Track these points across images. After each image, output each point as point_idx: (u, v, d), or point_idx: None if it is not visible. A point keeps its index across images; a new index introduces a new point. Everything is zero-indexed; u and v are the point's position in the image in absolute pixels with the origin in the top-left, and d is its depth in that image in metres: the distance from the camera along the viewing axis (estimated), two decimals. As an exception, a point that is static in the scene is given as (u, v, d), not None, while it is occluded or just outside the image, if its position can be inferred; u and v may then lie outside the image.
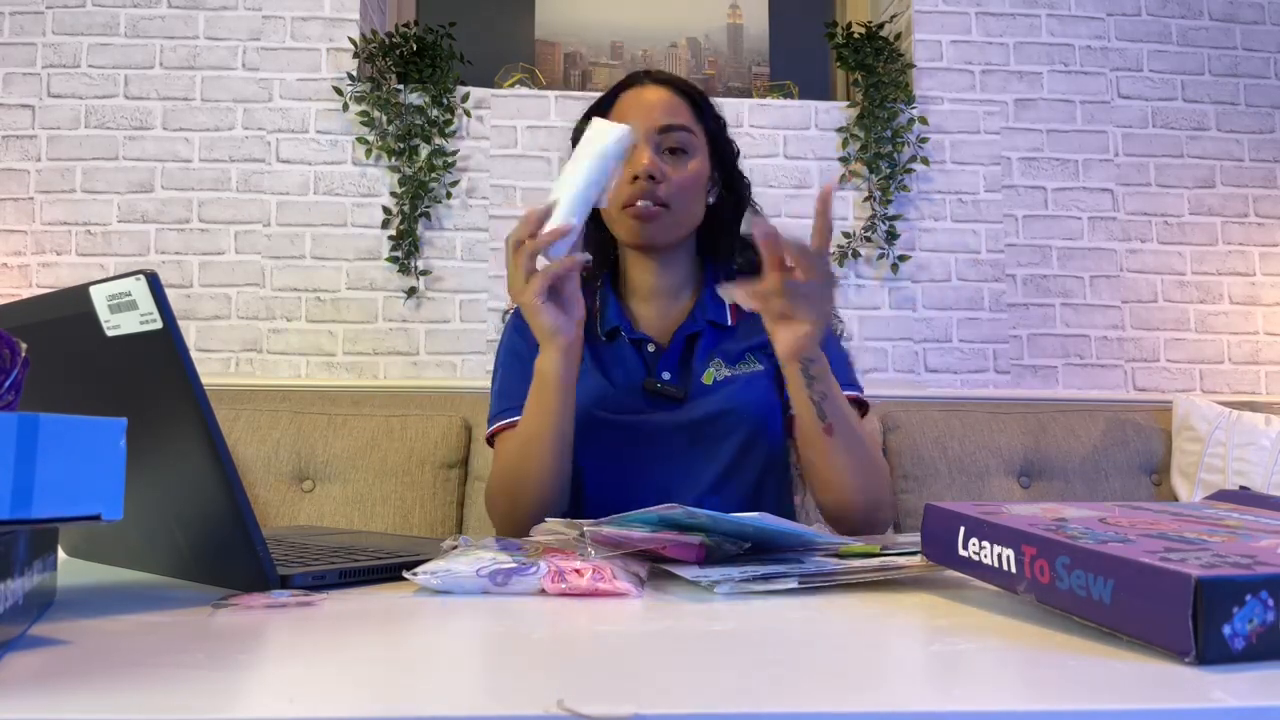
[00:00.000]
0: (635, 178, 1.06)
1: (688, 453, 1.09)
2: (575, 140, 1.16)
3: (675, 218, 1.09)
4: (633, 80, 1.14)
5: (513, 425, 1.07)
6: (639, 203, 1.06)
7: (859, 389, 1.15)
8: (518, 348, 1.15)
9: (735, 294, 0.86)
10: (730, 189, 1.18)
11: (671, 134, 1.09)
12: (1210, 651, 0.41)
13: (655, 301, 1.17)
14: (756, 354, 1.14)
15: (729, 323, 1.15)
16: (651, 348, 1.14)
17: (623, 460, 1.08)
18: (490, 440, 1.14)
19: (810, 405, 0.96)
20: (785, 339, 0.89)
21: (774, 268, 0.85)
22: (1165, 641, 0.42)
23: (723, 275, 1.19)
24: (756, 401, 1.12)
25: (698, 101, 1.14)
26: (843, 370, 1.16)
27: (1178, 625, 0.41)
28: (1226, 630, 0.41)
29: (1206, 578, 0.41)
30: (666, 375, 1.11)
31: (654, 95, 1.11)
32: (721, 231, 1.19)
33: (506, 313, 1.22)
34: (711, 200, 1.16)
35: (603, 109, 1.13)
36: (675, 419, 1.09)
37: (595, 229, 1.15)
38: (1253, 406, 1.97)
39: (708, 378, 1.11)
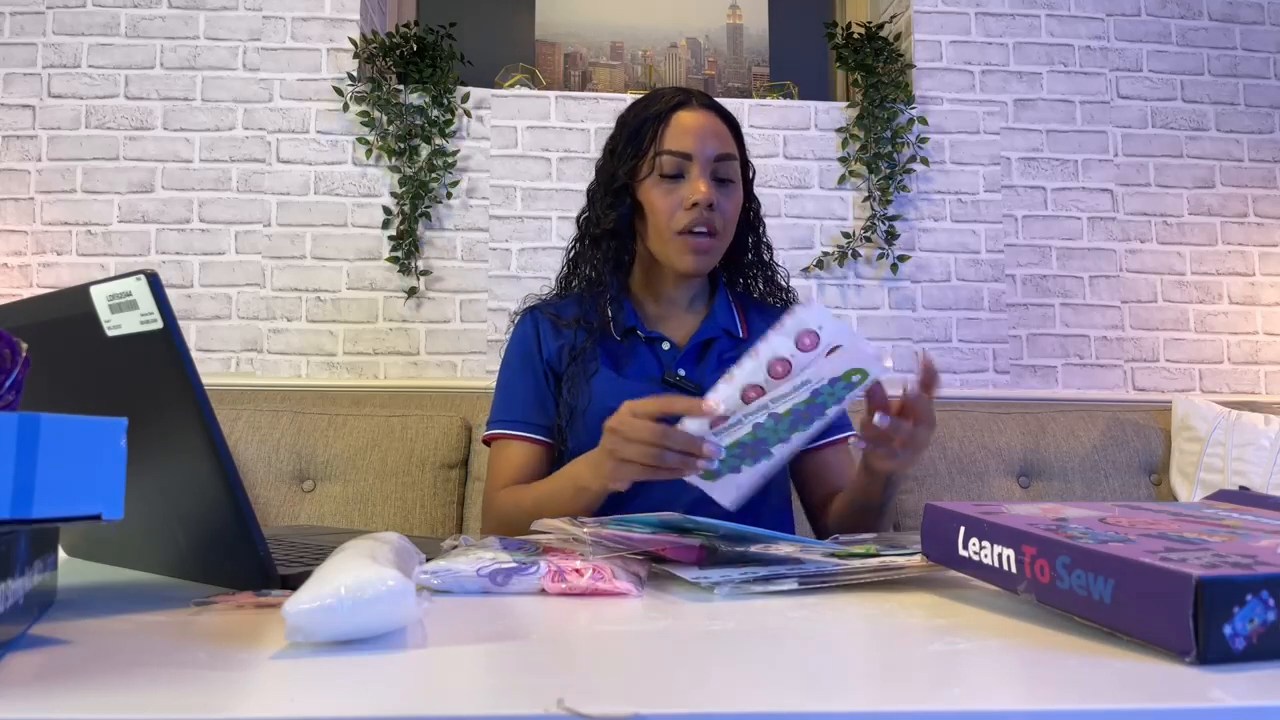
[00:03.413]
0: (694, 204, 1.08)
1: None
2: (615, 138, 1.16)
3: (722, 245, 1.13)
4: (682, 100, 1.13)
5: (514, 438, 1.13)
6: (697, 232, 1.09)
7: (852, 428, 1.24)
8: (530, 351, 1.17)
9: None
10: (749, 208, 1.22)
11: (724, 163, 1.11)
12: (1211, 651, 0.41)
13: (671, 309, 1.20)
14: None
15: (741, 334, 1.17)
16: (666, 346, 1.15)
17: None
18: (487, 440, 1.18)
19: (871, 496, 1.02)
20: (885, 464, 0.93)
21: (884, 411, 0.88)
22: (1166, 641, 0.42)
23: (737, 291, 1.25)
24: None
25: (736, 128, 1.16)
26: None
27: (1179, 625, 0.41)
28: (1227, 630, 0.41)
29: (1207, 577, 0.41)
30: (682, 372, 1.13)
31: (707, 121, 1.11)
32: (738, 247, 1.22)
33: (516, 313, 1.23)
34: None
35: (653, 125, 1.12)
36: None
37: (610, 233, 1.16)
38: (1252, 406, 1.97)
39: None
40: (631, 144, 1.13)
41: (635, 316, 1.16)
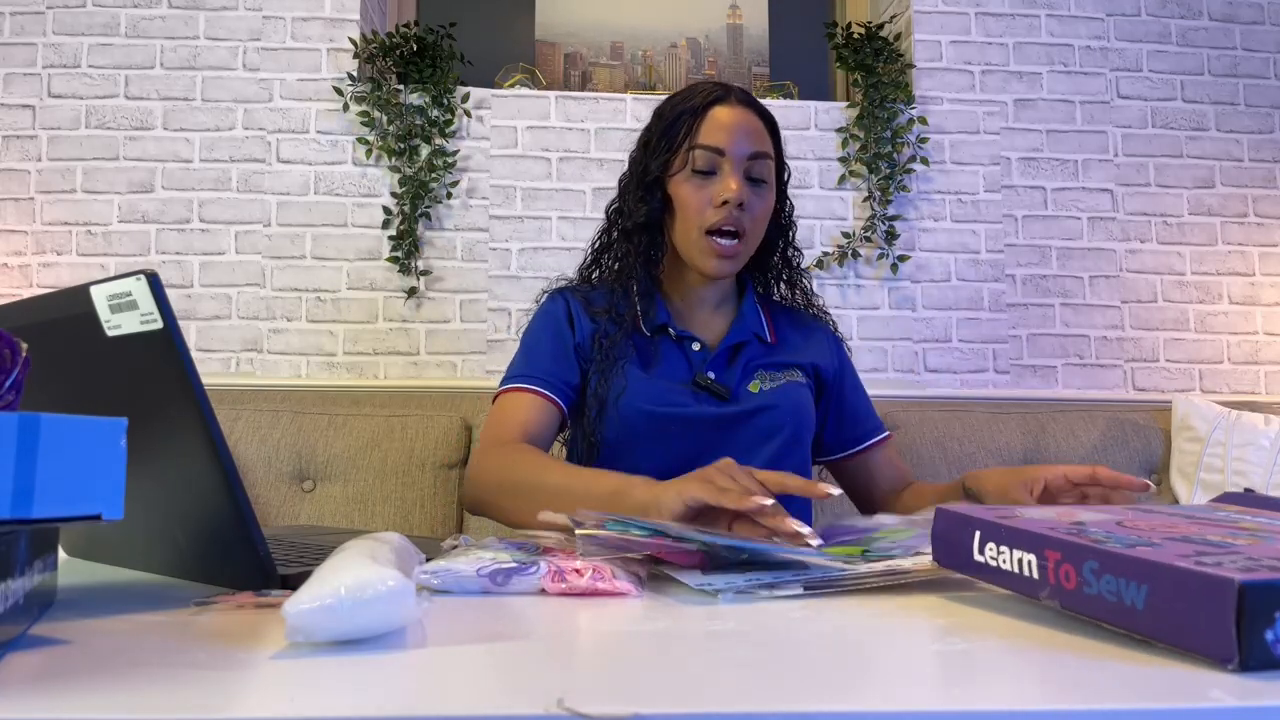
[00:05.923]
0: (725, 202, 1.05)
1: (729, 447, 1.09)
2: (651, 129, 1.14)
3: (748, 248, 1.10)
4: (720, 95, 1.11)
5: (529, 391, 1.06)
6: (722, 239, 1.06)
7: (885, 429, 1.25)
8: (560, 323, 1.13)
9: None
10: (781, 210, 1.19)
11: (758, 162, 1.08)
12: (1253, 658, 0.39)
13: (700, 308, 1.18)
14: (797, 368, 1.17)
15: (769, 339, 1.17)
16: (697, 346, 1.14)
17: (665, 452, 1.07)
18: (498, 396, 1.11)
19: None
20: (1020, 496, 0.91)
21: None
22: (1205, 648, 0.40)
23: (763, 294, 1.24)
24: (799, 405, 1.14)
25: (774, 127, 1.13)
26: (871, 414, 1.24)
27: (1220, 631, 0.39)
28: (1269, 635, 0.39)
29: (1249, 582, 0.39)
30: (711, 375, 1.12)
31: (744, 118, 1.09)
32: (766, 249, 1.20)
33: (544, 292, 1.20)
34: None
35: (688, 119, 1.09)
36: (720, 412, 1.09)
37: (641, 226, 1.14)
38: (1252, 406, 1.97)
39: (754, 387, 1.13)
40: (666, 137, 1.10)
41: (666, 313, 1.14)
